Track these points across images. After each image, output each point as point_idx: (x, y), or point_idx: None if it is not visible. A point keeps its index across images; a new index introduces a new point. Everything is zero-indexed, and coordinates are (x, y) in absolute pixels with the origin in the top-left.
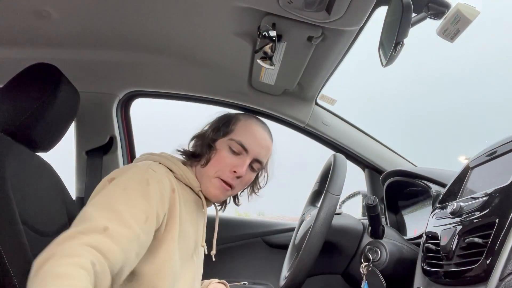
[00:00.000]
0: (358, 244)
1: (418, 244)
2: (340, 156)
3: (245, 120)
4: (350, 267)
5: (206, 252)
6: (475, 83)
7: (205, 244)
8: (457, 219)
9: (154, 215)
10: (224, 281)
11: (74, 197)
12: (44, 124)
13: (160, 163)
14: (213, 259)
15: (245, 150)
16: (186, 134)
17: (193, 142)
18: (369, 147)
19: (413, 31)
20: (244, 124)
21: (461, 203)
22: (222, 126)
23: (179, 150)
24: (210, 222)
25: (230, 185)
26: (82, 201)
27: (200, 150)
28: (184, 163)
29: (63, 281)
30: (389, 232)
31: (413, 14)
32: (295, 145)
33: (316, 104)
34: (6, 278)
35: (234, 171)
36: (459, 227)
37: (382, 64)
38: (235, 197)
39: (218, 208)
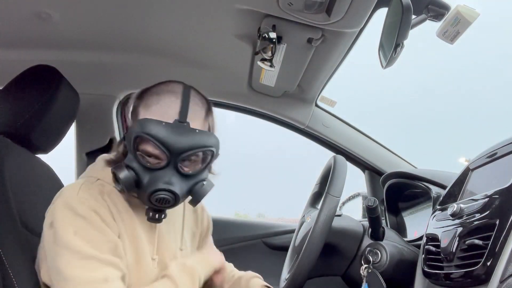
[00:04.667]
0: (358, 246)
1: (418, 246)
2: (340, 158)
3: None
4: (350, 269)
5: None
6: (475, 84)
7: (156, 257)
8: (457, 221)
9: (116, 236)
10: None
11: None
12: (44, 126)
13: (98, 178)
14: None
15: None
16: None
17: None
18: (369, 148)
19: (412, 33)
20: None
21: (462, 205)
22: None
23: None
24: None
25: None
26: None
27: None
28: None
29: None
30: (390, 234)
31: (413, 16)
32: (295, 147)
33: (316, 105)
34: (6, 280)
35: None
36: (460, 229)
37: (382, 66)
38: None
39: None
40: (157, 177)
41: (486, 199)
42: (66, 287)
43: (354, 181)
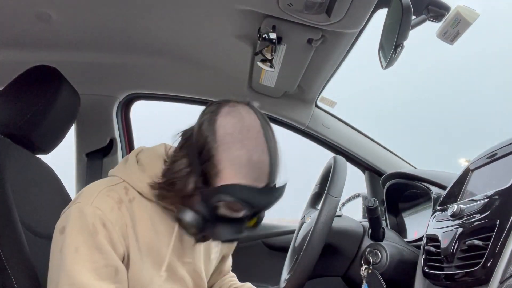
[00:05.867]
0: (358, 247)
1: (418, 247)
2: (340, 158)
3: None
4: (350, 269)
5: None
6: (475, 85)
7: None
8: (457, 222)
9: (119, 259)
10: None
11: None
12: (44, 126)
13: (124, 180)
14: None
15: None
16: None
17: None
18: (369, 149)
19: (412, 33)
20: None
21: (462, 206)
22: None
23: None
24: None
25: None
26: None
27: None
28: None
29: None
30: (390, 235)
31: (413, 17)
32: (295, 147)
33: (316, 106)
34: (6, 282)
35: None
36: (460, 230)
37: (382, 66)
38: None
39: None
40: (230, 228)
41: (486, 200)
42: None
43: (354, 182)
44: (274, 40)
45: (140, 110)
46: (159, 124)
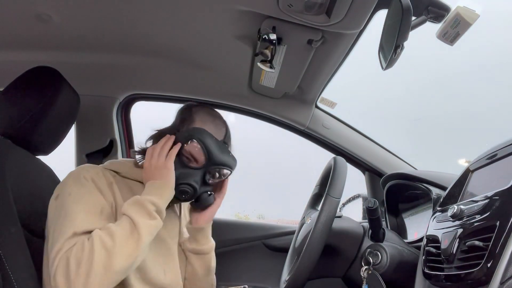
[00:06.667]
0: (358, 248)
1: (418, 248)
2: (340, 159)
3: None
4: (350, 270)
5: (174, 249)
6: (475, 85)
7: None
8: (457, 222)
9: (105, 202)
10: None
11: None
12: (44, 127)
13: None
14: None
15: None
16: None
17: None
18: (369, 150)
19: (412, 34)
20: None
21: (462, 206)
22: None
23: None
24: None
25: None
26: None
27: None
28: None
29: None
30: (390, 235)
31: (413, 17)
32: (295, 148)
33: (316, 107)
34: (7, 282)
35: None
36: (460, 230)
37: (382, 67)
38: None
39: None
40: (188, 174)
41: (487, 201)
42: (50, 242)
43: (355, 183)
44: (274, 41)
45: (140, 111)
46: (159, 125)
